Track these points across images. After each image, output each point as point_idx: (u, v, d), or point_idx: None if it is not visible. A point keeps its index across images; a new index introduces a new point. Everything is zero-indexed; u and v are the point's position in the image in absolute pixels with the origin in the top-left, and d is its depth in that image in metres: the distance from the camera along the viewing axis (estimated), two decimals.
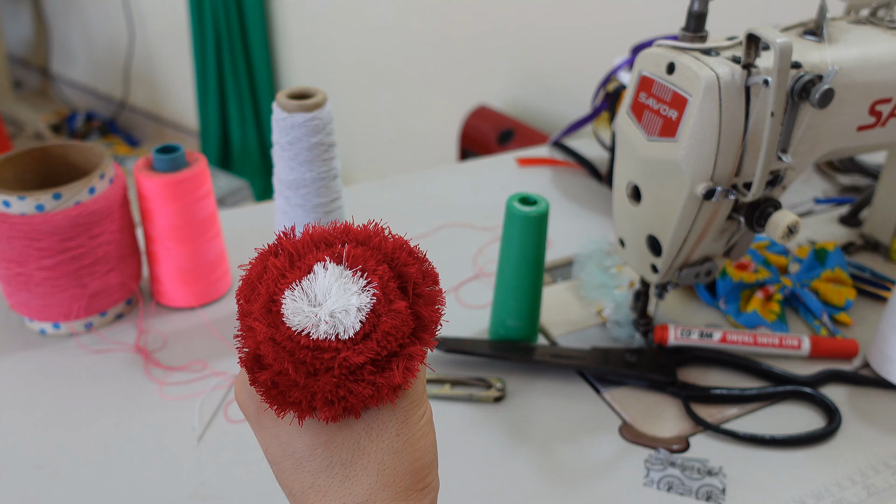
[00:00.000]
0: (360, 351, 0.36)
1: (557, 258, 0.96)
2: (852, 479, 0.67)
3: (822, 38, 0.70)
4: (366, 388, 0.37)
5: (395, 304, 0.37)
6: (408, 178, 1.17)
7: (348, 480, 0.38)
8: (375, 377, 0.37)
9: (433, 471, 0.41)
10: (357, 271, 0.38)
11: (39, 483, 0.65)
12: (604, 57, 1.43)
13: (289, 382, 0.37)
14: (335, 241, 0.39)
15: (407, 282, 0.39)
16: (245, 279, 0.39)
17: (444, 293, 0.40)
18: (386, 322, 0.37)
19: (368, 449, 0.38)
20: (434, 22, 1.90)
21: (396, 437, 0.39)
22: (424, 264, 0.40)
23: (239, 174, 2.54)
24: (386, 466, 0.38)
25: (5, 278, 0.78)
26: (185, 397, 0.74)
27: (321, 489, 0.38)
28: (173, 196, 0.79)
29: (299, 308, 0.37)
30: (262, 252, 0.40)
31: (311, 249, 0.39)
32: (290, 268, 0.38)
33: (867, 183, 1.13)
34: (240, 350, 0.38)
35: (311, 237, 0.39)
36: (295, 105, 0.76)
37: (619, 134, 0.73)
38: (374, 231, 0.40)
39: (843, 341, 0.80)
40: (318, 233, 0.40)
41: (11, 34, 3.32)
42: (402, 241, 0.40)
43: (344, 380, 0.36)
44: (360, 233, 0.40)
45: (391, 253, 0.39)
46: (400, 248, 0.39)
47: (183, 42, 2.60)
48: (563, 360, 0.77)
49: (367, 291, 0.37)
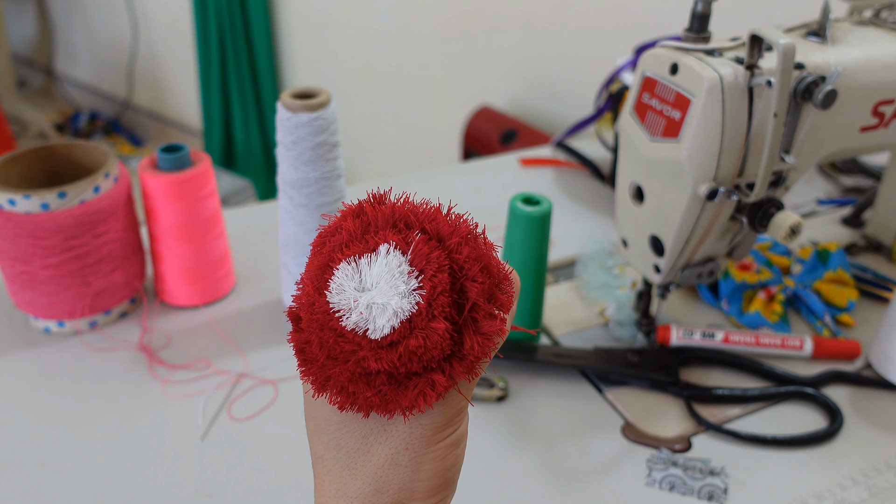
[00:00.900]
0: (379, 357, 0.34)
1: (560, 258, 0.97)
2: (854, 480, 0.67)
3: (826, 39, 0.71)
4: (374, 396, 0.35)
5: (436, 322, 0.33)
6: (411, 178, 1.17)
7: (348, 470, 0.37)
8: (387, 389, 0.34)
9: (441, 493, 0.38)
10: (414, 270, 0.34)
11: (43, 480, 0.66)
12: (607, 57, 1.43)
13: (312, 355, 0.35)
14: (416, 225, 0.35)
15: (467, 300, 0.34)
16: (323, 229, 0.37)
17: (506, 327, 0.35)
18: (415, 338, 0.33)
19: (374, 450, 0.37)
20: (437, 22, 1.90)
21: (404, 452, 0.36)
22: (499, 285, 0.35)
23: (242, 174, 2.54)
24: (384, 475, 0.37)
25: (10, 276, 0.79)
26: (188, 395, 0.75)
27: (327, 465, 0.38)
28: (177, 195, 0.79)
29: (345, 286, 0.34)
30: (348, 208, 0.37)
31: (389, 226, 0.35)
32: (360, 238, 0.35)
33: (870, 184, 1.13)
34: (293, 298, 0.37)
35: (395, 212, 0.36)
36: (299, 104, 0.76)
37: (622, 134, 0.73)
38: (460, 228, 0.35)
39: (845, 342, 0.80)
40: (405, 210, 0.36)
41: (15, 33, 3.33)
42: (482, 252, 0.35)
43: (357, 378, 0.35)
44: (445, 225, 0.35)
45: (462, 261, 0.34)
46: (476, 259, 0.35)
47: (187, 42, 2.60)
48: (566, 359, 0.77)
49: (412, 296, 0.33)
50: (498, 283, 0.35)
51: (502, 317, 0.35)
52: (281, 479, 0.66)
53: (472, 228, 0.36)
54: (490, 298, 0.35)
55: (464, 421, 0.38)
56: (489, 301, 0.34)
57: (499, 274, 0.35)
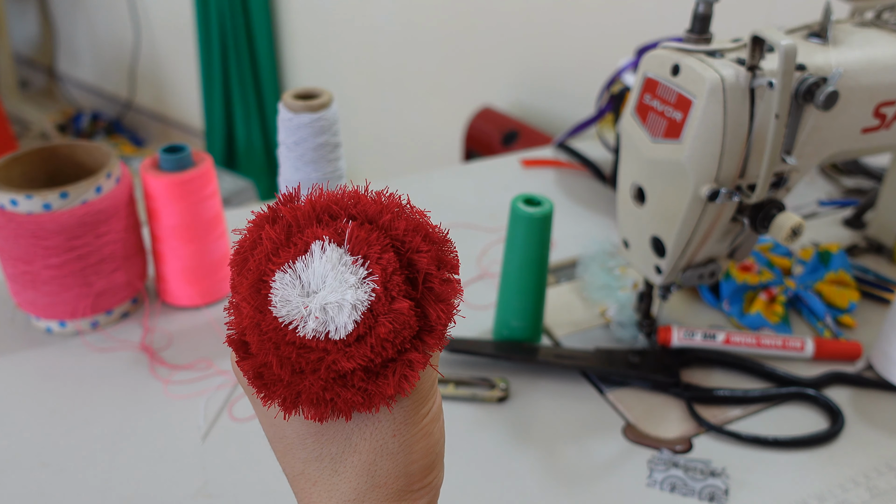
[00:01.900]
0: (350, 356, 0.32)
1: (561, 259, 0.97)
2: (855, 481, 0.67)
3: (827, 41, 0.71)
4: (355, 396, 0.33)
5: (397, 303, 0.32)
6: (412, 179, 1.17)
7: (337, 475, 0.36)
8: (367, 384, 0.33)
9: (434, 470, 0.38)
10: (358, 258, 0.32)
11: (44, 481, 0.66)
12: (608, 58, 1.43)
13: (273, 377, 0.33)
14: (341, 214, 0.34)
15: (418, 272, 0.33)
16: (239, 244, 0.35)
17: (461, 286, 0.35)
18: (384, 325, 0.32)
19: (360, 447, 0.36)
20: (439, 23, 1.90)
21: (392, 439, 0.36)
22: (442, 249, 0.34)
23: (244, 174, 2.54)
24: (379, 468, 0.36)
25: (12, 277, 0.79)
26: (190, 396, 0.75)
27: (311, 479, 0.36)
28: (179, 195, 0.79)
29: (289, 296, 0.32)
30: (260, 216, 0.35)
31: (312, 222, 0.34)
32: (286, 243, 0.33)
33: (871, 185, 1.13)
34: (227, 326, 0.34)
35: (314, 206, 0.34)
36: (301, 105, 0.77)
37: (624, 135, 0.73)
38: (388, 204, 0.34)
39: (846, 343, 0.80)
40: (323, 201, 0.34)
41: (18, 34, 3.33)
42: (418, 222, 0.34)
43: (332, 384, 0.33)
44: (370, 205, 0.34)
45: (402, 236, 0.33)
46: (415, 229, 0.34)
47: (188, 42, 2.61)
48: (567, 360, 0.77)
49: (366, 285, 0.32)
50: (441, 247, 0.34)
51: (455, 278, 0.34)
52: (281, 479, 0.66)
53: (397, 203, 0.34)
54: (440, 264, 0.34)
55: (438, 392, 0.38)
56: (440, 268, 0.34)
57: (439, 238, 0.34)
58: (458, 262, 0.35)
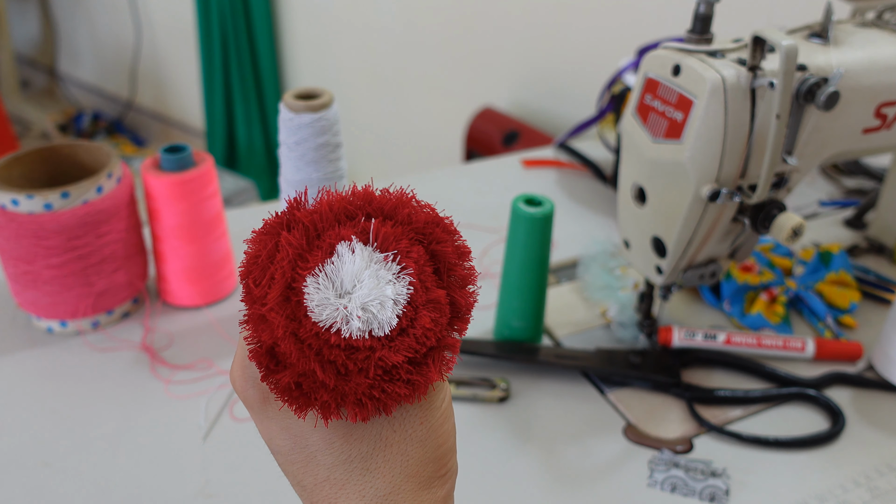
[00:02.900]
0: (397, 349, 0.33)
1: (562, 259, 0.97)
2: (856, 482, 0.67)
3: (828, 41, 0.71)
4: (402, 388, 0.33)
5: (433, 292, 0.33)
6: (413, 179, 1.17)
7: (369, 473, 0.36)
8: (412, 376, 0.33)
9: (454, 454, 0.39)
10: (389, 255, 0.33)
11: (46, 480, 0.66)
12: (609, 59, 1.43)
13: (315, 384, 0.33)
14: (357, 213, 0.34)
15: (441, 263, 0.34)
16: (251, 256, 0.34)
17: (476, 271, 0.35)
18: (425, 316, 0.33)
19: (391, 440, 0.36)
20: (440, 23, 1.90)
21: (421, 426, 0.36)
22: (457, 238, 0.35)
23: (245, 174, 2.55)
24: (410, 457, 0.36)
25: (13, 276, 0.79)
26: (191, 396, 0.75)
27: (338, 482, 0.36)
28: (180, 195, 0.79)
29: (326, 299, 0.32)
30: (270, 222, 0.34)
31: (332, 224, 0.33)
32: (309, 247, 0.33)
33: (872, 186, 1.13)
34: (248, 341, 0.33)
35: (331, 207, 0.34)
36: (302, 105, 0.77)
37: (625, 135, 0.73)
38: (402, 200, 0.35)
39: (847, 344, 0.80)
40: (338, 202, 0.34)
41: (19, 34, 3.33)
42: (434, 214, 0.35)
43: (379, 380, 0.33)
44: (385, 202, 0.34)
45: (423, 228, 0.34)
46: (433, 222, 0.34)
47: (189, 43, 2.61)
48: (568, 360, 0.77)
49: (402, 279, 0.33)
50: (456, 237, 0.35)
51: (470, 266, 0.35)
52: (282, 479, 0.66)
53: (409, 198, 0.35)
54: (459, 254, 0.35)
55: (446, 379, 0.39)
56: (460, 257, 0.35)
57: (452, 228, 0.35)
58: (470, 250, 0.36)
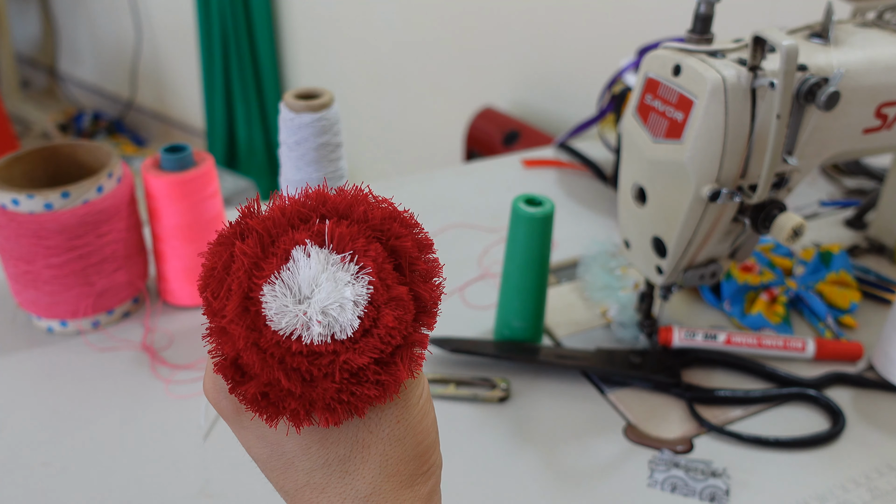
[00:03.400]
0: (361, 351, 0.32)
1: (562, 259, 0.97)
2: (856, 482, 0.67)
3: (829, 41, 0.71)
4: (371, 390, 0.33)
5: (395, 290, 0.33)
6: (413, 179, 1.17)
7: (348, 476, 0.36)
8: (380, 376, 0.33)
9: (436, 449, 0.38)
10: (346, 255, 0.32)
11: (46, 480, 0.66)
12: (610, 59, 1.43)
13: (282, 393, 0.32)
14: (311, 216, 0.34)
15: (402, 258, 0.34)
16: (207, 268, 0.33)
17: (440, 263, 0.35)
18: (387, 315, 0.32)
19: (368, 441, 0.35)
20: (440, 23, 1.90)
21: (397, 425, 0.36)
22: (417, 231, 0.34)
23: (245, 174, 2.55)
24: (389, 457, 0.36)
25: (13, 276, 0.79)
26: (191, 395, 0.75)
27: (318, 487, 0.36)
28: (181, 195, 0.79)
29: (284, 307, 0.32)
30: (224, 233, 0.34)
31: (286, 229, 0.33)
32: (264, 255, 0.32)
33: (872, 186, 1.13)
34: (212, 354, 0.33)
35: (283, 212, 0.33)
36: (302, 105, 0.77)
37: (625, 135, 0.73)
38: (356, 198, 0.34)
39: (847, 344, 0.80)
40: (290, 206, 0.34)
41: (19, 34, 3.33)
42: (391, 209, 0.34)
43: (346, 384, 0.32)
44: (339, 202, 0.34)
45: (380, 225, 0.34)
46: (390, 217, 0.34)
47: (190, 42, 2.61)
48: (568, 360, 0.77)
49: (361, 279, 0.32)
50: (415, 231, 0.34)
51: (434, 258, 0.35)
52: None
53: (364, 195, 0.34)
54: (420, 247, 0.34)
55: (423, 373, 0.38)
56: (421, 250, 0.34)
57: (412, 222, 0.34)
58: (432, 241, 0.35)
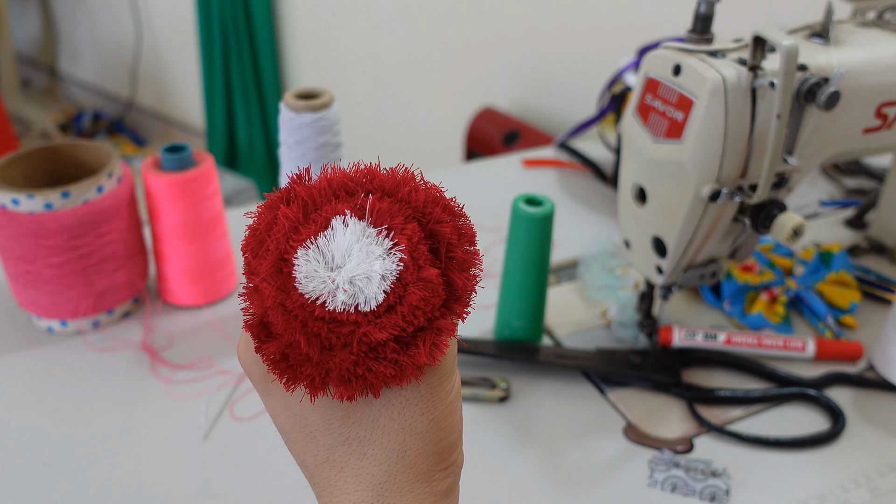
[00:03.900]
0: (382, 326, 0.32)
1: (563, 259, 0.97)
2: (856, 482, 0.67)
3: (829, 41, 0.71)
4: (387, 368, 0.33)
5: (425, 271, 0.32)
6: None
7: (365, 458, 0.35)
8: (399, 356, 0.33)
9: (458, 448, 0.38)
10: (382, 230, 0.32)
11: (46, 480, 0.66)
12: (610, 59, 1.43)
13: (300, 357, 0.33)
14: (357, 190, 0.34)
15: (440, 243, 0.34)
16: (252, 229, 0.34)
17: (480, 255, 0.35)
18: (414, 294, 0.32)
19: (389, 428, 0.35)
20: (440, 23, 1.90)
21: (421, 417, 0.35)
22: (461, 221, 0.34)
23: (245, 174, 2.55)
24: (408, 448, 0.35)
25: (13, 276, 0.79)
26: (191, 395, 0.75)
27: (337, 465, 0.36)
28: (181, 195, 0.79)
29: (314, 271, 0.32)
30: (272, 197, 0.34)
31: (330, 199, 0.33)
32: (305, 220, 0.33)
33: (873, 186, 1.13)
34: (245, 311, 0.34)
35: (330, 183, 0.34)
36: (302, 105, 0.77)
37: (625, 135, 0.73)
38: (404, 178, 0.34)
39: (847, 344, 0.80)
40: (338, 178, 0.34)
41: (19, 33, 3.33)
42: (436, 194, 0.34)
43: (363, 357, 0.32)
44: (387, 179, 0.34)
45: (422, 207, 0.34)
46: (433, 201, 0.34)
47: (190, 42, 2.61)
48: (568, 360, 0.77)
49: (392, 255, 0.32)
50: (459, 219, 0.34)
51: (474, 249, 0.34)
52: (283, 479, 0.67)
53: (413, 177, 0.34)
54: (460, 235, 0.34)
55: (456, 368, 0.38)
56: (461, 238, 0.34)
57: (457, 210, 0.34)
58: (475, 233, 0.35)
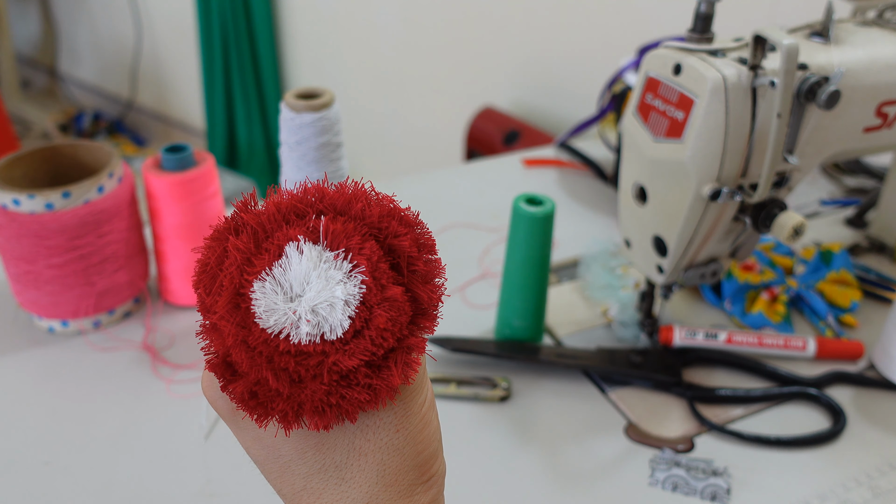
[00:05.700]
0: (351, 353, 0.31)
1: (563, 259, 0.97)
2: (857, 481, 0.67)
3: (829, 40, 0.71)
4: (361, 394, 0.31)
5: (389, 290, 0.31)
6: (414, 179, 1.17)
7: (345, 483, 0.35)
8: (372, 380, 0.31)
9: (438, 457, 0.37)
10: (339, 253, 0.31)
11: (47, 480, 0.66)
12: (610, 58, 1.43)
13: (269, 392, 0.31)
14: (308, 211, 0.32)
15: (400, 257, 0.32)
16: (201, 264, 0.32)
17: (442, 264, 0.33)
18: (380, 316, 0.31)
19: (365, 449, 0.34)
20: (440, 23, 1.90)
21: (396, 434, 0.35)
22: (418, 230, 0.33)
23: (245, 174, 2.55)
24: (386, 466, 0.35)
25: (14, 276, 0.79)
26: (192, 395, 0.75)
27: (315, 492, 0.35)
28: (181, 195, 0.79)
29: (273, 304, 0.31)
30: (219, 228, 0.33)
31: (280, 224, 0.32)
32: (257, 250, 0.31)
33: (873, 185, 1.13)
34: (205, 351, 0.33)
35: (279, 207, 0.32)
36: (303, 105, 0.77)
37: (626, 135, 0.73)
38: (356, 194, 0.33)
39: (848, 343, 0.80)
40: (286, 201, 0.32)
41: (19, 34, 3.33)
42: (389, 206, 0.33)
43: (335, 386, 0.31)
44: (337, 197, 0.33)
45: (378, 223, 0.32)
46: (388, 215, 0.32)
47: (190, 42, 2.61)
48: (569, 360, 0.77)
49: (353, 278, 0.31)
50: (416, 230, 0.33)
51: (435, 258, 0.33)
52: None
53: (364, 191, 0.33)
54: (420, 246, 0.33)
55: (427, 378, 0.37)
56: (420, 250, 0.33)
57: (412, 220, 0.33)
58: (434, 241, 0.34)
